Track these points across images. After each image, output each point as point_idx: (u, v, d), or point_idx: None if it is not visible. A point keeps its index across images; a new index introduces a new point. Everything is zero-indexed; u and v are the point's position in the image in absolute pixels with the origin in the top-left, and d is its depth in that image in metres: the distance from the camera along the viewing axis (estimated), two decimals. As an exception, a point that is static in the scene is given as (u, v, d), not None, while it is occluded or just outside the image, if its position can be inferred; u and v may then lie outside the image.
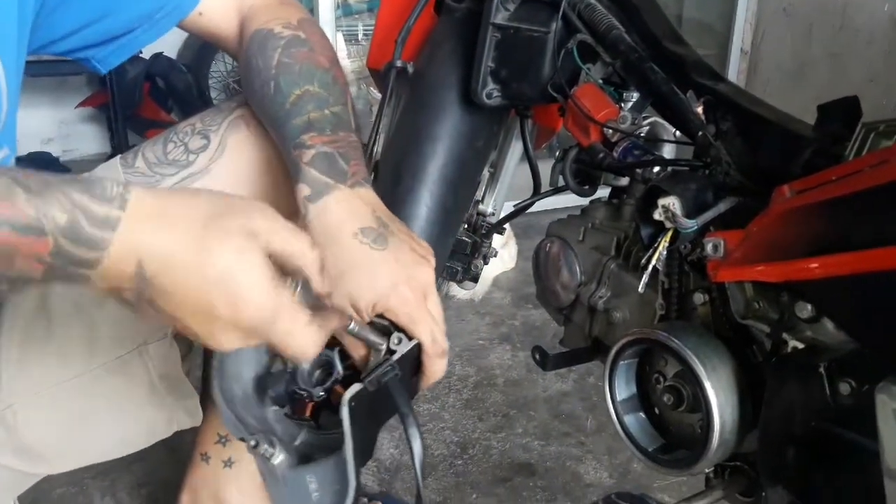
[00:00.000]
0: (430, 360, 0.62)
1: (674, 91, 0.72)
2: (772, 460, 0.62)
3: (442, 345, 0.62)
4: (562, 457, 1.30)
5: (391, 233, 0.63)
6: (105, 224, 0.46)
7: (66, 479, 1.18)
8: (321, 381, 0.60)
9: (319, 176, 0.64)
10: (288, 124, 0.68)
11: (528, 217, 1.15)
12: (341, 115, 0.69)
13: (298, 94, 0.69)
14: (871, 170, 0.52)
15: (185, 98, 2.79)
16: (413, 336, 0.60)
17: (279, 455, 0.56)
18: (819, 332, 0.57)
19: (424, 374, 0.63)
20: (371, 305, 0.60)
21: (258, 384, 0.62)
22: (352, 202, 0.64)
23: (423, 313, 0.61)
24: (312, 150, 0.66)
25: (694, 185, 0.65)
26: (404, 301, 0.60)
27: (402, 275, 0.61)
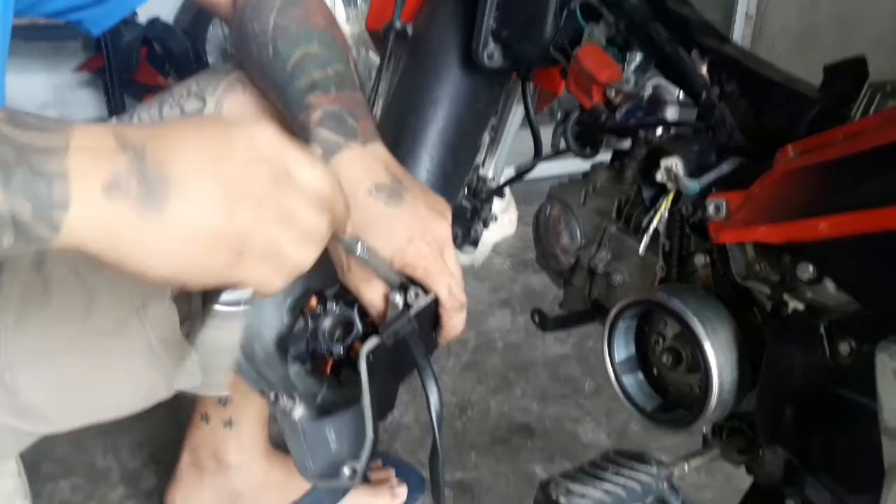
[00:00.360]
0: (448, 314, 0.62)
1: (678, 52, 0.71)
2: (770, 420, 0.62)
3: (460, 298, 0.62)
4: (560, 418, 1.31)
5: (406, 188, 0.63)
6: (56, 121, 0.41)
7: (68, 439, 1.20)
8: (341, 339, 0.61)
9: (330, 135, 0.63)
10: (291, 87, 0.67)
11: (528, 183, 1.14)
12: (344, 74, 0.68)
13: (298, 56, 0.68)
14: (877, 130, 0.51)
15: (183, 63, 2.75)
16: (430, 290, 0.60)
17: (299, 409, 0.57)
18: (820, 294, 0.57)
19: (443, 329, 0.63)
20: (388, 261, 0.60)
21: (280, 343, 0.63)
22: (364, 159, 0.63)
23: (440, 267, 0.61)
24: (319, 111, 0.65)
25: (697, 146, 0.65)
26: (421, 255, 0.60)
27: (418, 229, 0.61)
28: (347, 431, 0.56)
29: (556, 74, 0.91)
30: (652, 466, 0.64)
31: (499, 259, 1.92)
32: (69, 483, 1.14)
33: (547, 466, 1.19)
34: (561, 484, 0.62)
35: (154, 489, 1.12)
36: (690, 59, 0.71)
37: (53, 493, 1.11)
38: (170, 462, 1.05)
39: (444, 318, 0.62)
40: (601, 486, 0.62)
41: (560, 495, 0.61)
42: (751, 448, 0.68)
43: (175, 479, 1.02)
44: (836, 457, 0.58)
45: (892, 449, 0.50)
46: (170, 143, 0.42)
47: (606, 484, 0.62)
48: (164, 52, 2.80)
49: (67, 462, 1.18)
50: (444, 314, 0.62)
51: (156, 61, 2.82)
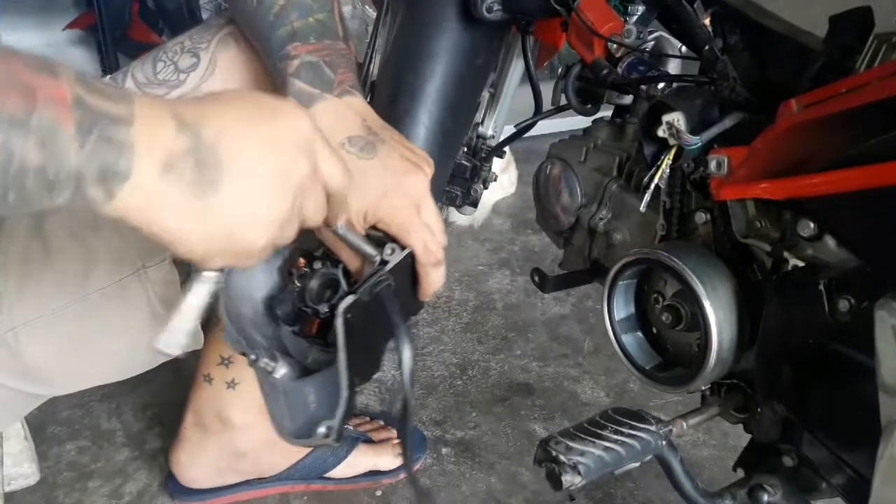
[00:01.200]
0: (425, 270, 0.61)
1: (680, 3, 0.70)
2: (768, 377, 0.62)
3: (436, 254, 0.61)
4: (559, 377, 1.32)
5: (381, 140, 0.61)
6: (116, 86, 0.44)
7: (72, 402, 1.21)
8: (329, 299, 0.60)
9: (305, 86, 0.62)
10: (272, 36, 0.66)
11: (528, 141, 1.13)
12: (326, 23, 0.66)
13: (282, 4, 0.66)
14: (882, 81, 0.50)
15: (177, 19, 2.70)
16: (405, 245, 0.59)
17: (281, 369, 0.56)
18: (820, 250, 0.57)
19: (421, 285, 0.62)
20: (361, 216, 0.59)
21: (268, 304, 0.62)
22: (339, 111, 0.62)
23: (414, 222, 0.59)
24: (297, 61, 0.63)
25: (699, 100, 0.63)
26: (394, 210, 0.59)
27: (392, 183, 0.59)
28: (326, 391, 0.55)
29: (556, 27, 0.89)
30: (650, 424, 0.65)
31: (498, 219, 1.91)
32: (75, 445, 1.15)
33: (546, 425, 1.21)
34: (560, 442, 0.63)
35: (159, 450, 1.13)
36: (693, 12, 0.69)
37: (60, 456, 1.13)
38: (174, 423, 1.06)
39: (422, 274, 0.61)
40: (600, 444, 0.62)
41: (560, 453, 0.62)
42: (749, 406, 0.69)
43: (179, 439, 1.03)
44: (834, 414, 0.59)
45: (889, 406, 0.50)
46: (223, 125, 0.44)
47: (605, 442, 0.63)
48: (157, 7, 2.75)
49: (73, 425, 1.19)
50: (421, 270, 0.61)
51: (149, 17, 2.76)
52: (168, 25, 2.79)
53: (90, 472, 1.10)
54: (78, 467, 1.11)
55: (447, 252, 0.63)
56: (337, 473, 1.07)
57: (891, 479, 0.51)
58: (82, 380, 0.84)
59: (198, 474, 1.03)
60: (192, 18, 2.72)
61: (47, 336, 0.76)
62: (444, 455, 1.14)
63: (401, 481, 1.09)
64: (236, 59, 0.76)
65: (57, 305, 0.76)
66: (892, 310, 0.49)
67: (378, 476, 1.08)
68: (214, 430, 1.01)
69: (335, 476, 1.07)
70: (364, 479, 1.08)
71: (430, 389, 1.28)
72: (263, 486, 1.05)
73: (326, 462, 1.06)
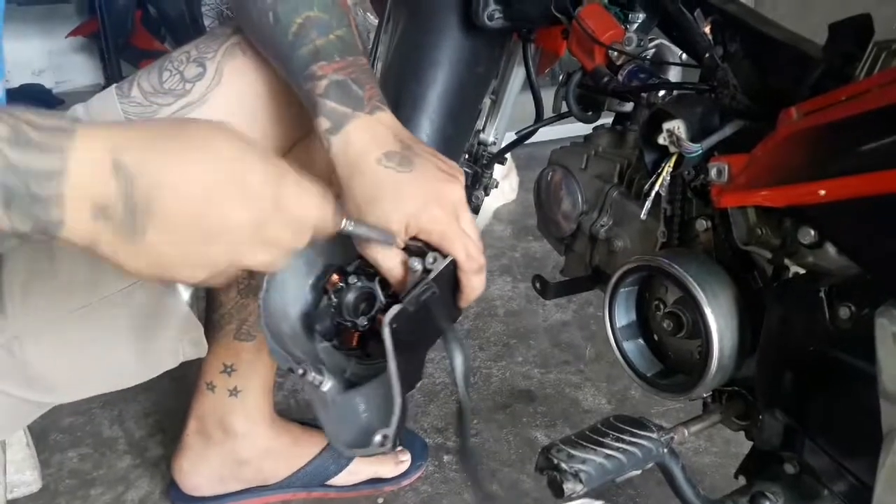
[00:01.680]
0: (467, 277, 0.62)
1: (681, 11, 0.70)
2: (769, 384, 0.62)
3: (478, 260, 0.62)
4: (561, 384, 1.32)
5: (416, 154, 0.62)
6: (57, 130, 0.43)
7: (74, 409, 1.21)
8: (365, 312, 0.62)
9: (336, 106, 0.63)
10: (294, 56, 0.66)
11: (529, 148, 1.13)
12: (347, 39, 0.67)
13: (300, 22, 0.66)
14: (882, 89, 0.50)
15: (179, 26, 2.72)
16: (447, 254, 0.60)
17: (328, 382, 0.57)
18: (821, 258, 0.57)
19: (463, 291, 0.63)
20: (403, 227, 0.60)
21: (305, 321, 0.63)
22: (373, 128, 0.63)
23: (455, 230, 0.60)
24: (325, 81, 0.64)
25: (699, 108, 0.63)
26: (435, 219, 0.60)
27: (431, 194, 0.60)
28: (376, 400, 0.56)
29: (557, 35, 0.90)
30: (652, 432, 0.65)
31: (500, 226, 1.91)
32: (77, 453, 1.15)
33: (548, 432, 1.21)
34: (562, 449, 0.63)
35: (160, 458, 1.13)
36: (693, 20, 0.69)
37: (62, 463, 1.13)
38: (176, 431, 1.06)
39: (464, 281, 0.62)
40: (602, 452, 0.62)
41: (561, 461, 0.62)
42: (750, 413, 0.69)
43: (181, 447, 1.03)
44: (835, 421, 0.59)
45: (890, 413, 0.50)
46: (161, 172, 0.45)
47: (607, 449, 0.63)
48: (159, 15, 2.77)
49: (75, 432, 1.19)
50: (463, 277, 0.62)
51: (151, 25, 2.78)
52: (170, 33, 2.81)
53: (92, 480, 1.10)
54: (80, 475, 1.11)
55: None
56: (339, 481, 1.06)
57: (892, 487, 0.51)
58: (85, 388, 0.84)
59: (200, 482, 1.03)
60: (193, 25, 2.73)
61: (51, 344, 0.76)
62: (446, 462, 1.14)
63: (402, 489, 1.09)
64: (242, 68, 0.76)
65: (61, 313, 0.76)
66: (893, 317, 0.49)
67: (380, 484, 1.08)
68: (217, 438, 1.01)
69: (337, 484, 1.07)
70: (366, 487, 1.08)
71: (432, 397, 1.28)
72: (265, 493, 1.05)
73: (328, 470, 1.06)
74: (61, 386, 0.79)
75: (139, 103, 0.76)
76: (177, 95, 0.76)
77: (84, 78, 3.03)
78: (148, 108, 0.76)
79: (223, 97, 0.76)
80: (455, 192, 0.62)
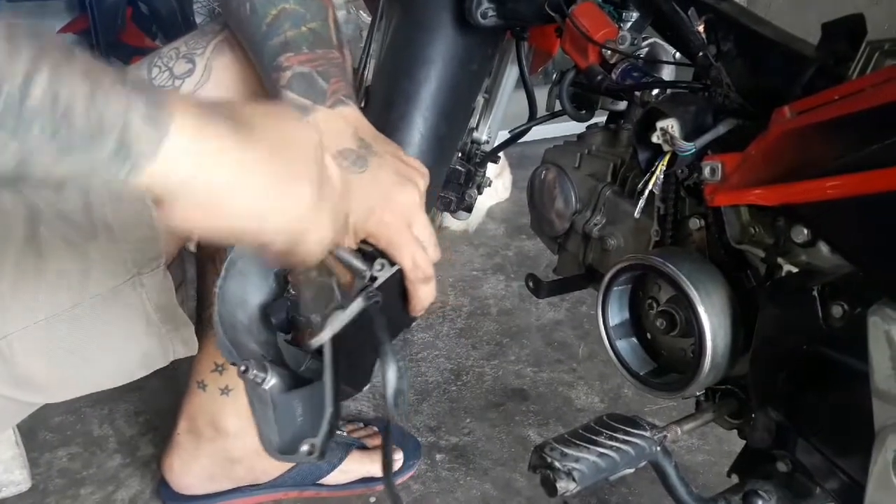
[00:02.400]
0: (413, 286, 0.60)
1: (674, 10, 0.70)
2: (762, 383, 0.62)
3: (425, 270, 0.60)
4: (554, 383, 1.32)
5: (373, 153, 0.61)
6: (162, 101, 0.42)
7: (64, 408, 1.20)
8: (320, 310, 0.60)
9: (297, 98, 0.62)
10: (265, 46, 0.66)
11: (522, 146, 1.13)
12: (319, 32, 0.66)
13: (275, 13, 0.66)
14: (874, 89, 0.50)
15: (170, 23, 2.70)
16: (394, 261, 0.59)
17: (270, 380, 0.55)
18: (814, 256, 0.57)
19: (411, 301, 0.62)
20: (351, 230, 0.58)
21: (264, 311, 0.62)
22: (331, 123, 0.62)
23: (403, 237, 0.59)
24: (289, 72, 0.63)
25: (693, 107, 0.63)
26: (383, 225, 0.59)
27: (382, 197, 0.59)
28: (314, 404, 0.54)
29: (551, 33, 0.90)
30: (645, 430, 0.65)
31: (493, 224, 1.91)
32: (66, 452, 1.14)
33: (541, 431, 1.21)
34: (555, 448, 0.63)
35: (151, 457, 1.13)
36: (687, 18, 0.69)
37: (51, 462, 1.12)
38: (167, 430, 1.05)
39: (410, 291, 0.61)
40: (595, 450, 0.62)
41: (554, 459, 0.62)
42: (743, 412, 0.69)
43: (172, 446, 1.02)
44: (828, 420, 0.59)
45: (882, 411, 0.50)
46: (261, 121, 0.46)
47: (600, 448, 0.63)
48: (150, 12, 2.75)
49: (64, 431, 1.18)
50: (410, 286, 0.60)
51: (142, 22, 2.76)
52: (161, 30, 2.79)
53: (82, 479, 1.09)
54: (69, 474, 1.10)
55: (442, 257, 0.63)
56: (330, 480, 1.06)
57: (884, 485, 0.51)
58: (76, 387, 0.84)
59: (191, 481, 1.03)
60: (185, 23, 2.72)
61: (41, 343, 0.75)
62: (439, 461, 1.14)
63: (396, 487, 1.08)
64: (231, 65, 0.75)
65: (51, 312, 0.75)
66: (886, 316, 0.49)
67: (372, 482, 1.08)
68: (208, 437, 1.00)
69: (329, 482, 1.06)
70: (358, 486, 1.07)
71: (425, 395, 1.28)
72: (257, 492, 1.05)
73: (320, 468, 1.05)
74: (50, 385, 0.79)
75: None
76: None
77: (74, 75, 3.00)
78: None
79: (211, 94, 0.75)
80: (408, 196, 0.60)
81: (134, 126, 0.38)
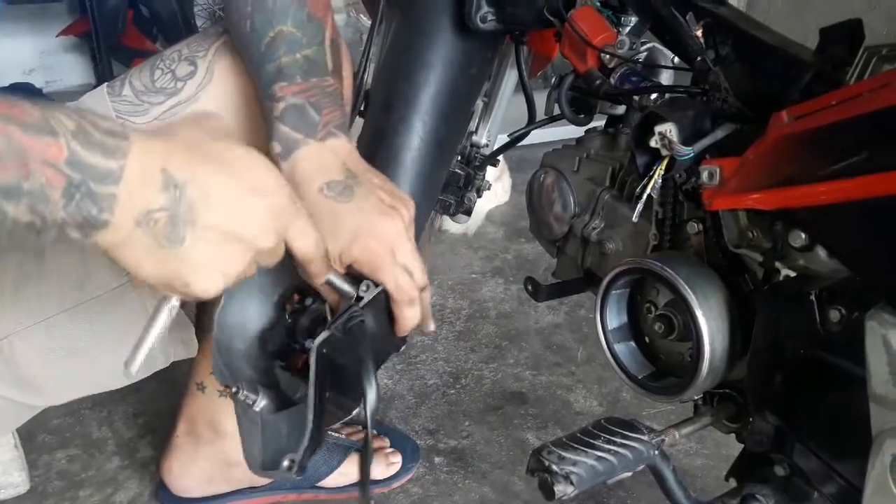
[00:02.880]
0: (398, 307, 0.63)
1: (673, 14, 0.70)
2: (760, 387, 0.63)
3: (408, 293, 0.62)
4: (552, 386, 1.32)
5: (359, 183, 0.63)
6: (115, 134, 0.45)
7: (63, 410, 1.20)
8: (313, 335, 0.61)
9: (289, 132, 0.64)
10: (262, 70, 0.67)
11: (522, 150, 1.13)
12: (314, 58, 0.67)
13: (272, 35, 0.67)
14: (872, 94, 0.50)
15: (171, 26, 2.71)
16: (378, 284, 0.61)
17: (261, 401, 0.57)
18: (811, 261, 0.57)
19: (397, 322, 0.64)
20: (337, 257, 0.61)
21: (261, 338, 0.64)
22: (321, 157, 0.64)
23: (385, 261, 0.62)
24: (282, 104, 0.65)
25: (691, 111, 0.64)
26: (367, 251, 0.61)
27: (365, 225, 0.62)
28: (299, 423, 0.56)
29: (550, 38, 0.90)
30: (643, 434, 0.65)
31: (492, 227, 1.92)
32: (65, 454, 1.14)
33: (539, 434, 1.21)
34: (553, 451, 0.63)
35: (150, 459, 1.13)
36: (685, 23, 0.70)
37: (50, 464, 1.12)
38: (165, 432, 1.05)
39: (395, 312, 0.64)
40: (593, 454, 0.62)
41: (552, 463, 0.62)
42: (741, 416, 0.69)
43: (171, 448, 1.02)
44: (825, 424, 0.59)
45: (879, 416, 0.51)
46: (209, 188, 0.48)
47: (598, 451, 0.63)
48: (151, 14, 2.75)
49: (63, 433, 1.18)
50: (395, 307, 0.63)
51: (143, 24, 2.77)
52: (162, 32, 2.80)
53: (81, 481, 1.09)
54: (68, 476, 1.10)
55: (441, 260, 0.64)
56: (329, 482, 1.06)
57: (881, 489, 0.51)
58: (75, 389, 0.84)
59: (189, 483, 1.03)
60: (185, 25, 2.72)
61: (42, 344, 0.75)
62: (437, 464, 1.14)
63: (393, 490, 1.08)
64: (233, 68, 0.76)
65: (52, 313, 0.75)
66: (883, 320, 0.50)
67: (370, 486, 1.08)
68: (207, 439, 1.00)
69: (327, 485, 1.06)
70: (356, 489, 1.07)
71: (423, 398, 1.28)
72: (255, 495, 1.05)
73: (319, 471, 1.05)
74: (50, 387, 0.79)
75: (130, 102, 0.76)
76: (168, 94, 0.76)
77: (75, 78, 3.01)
78: (139, 107, 0.76)
79: (213, 96, 0.75)
80: (391, 225, 0.63)
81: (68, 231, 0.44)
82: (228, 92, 0.76)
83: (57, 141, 0.42)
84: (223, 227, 0.49)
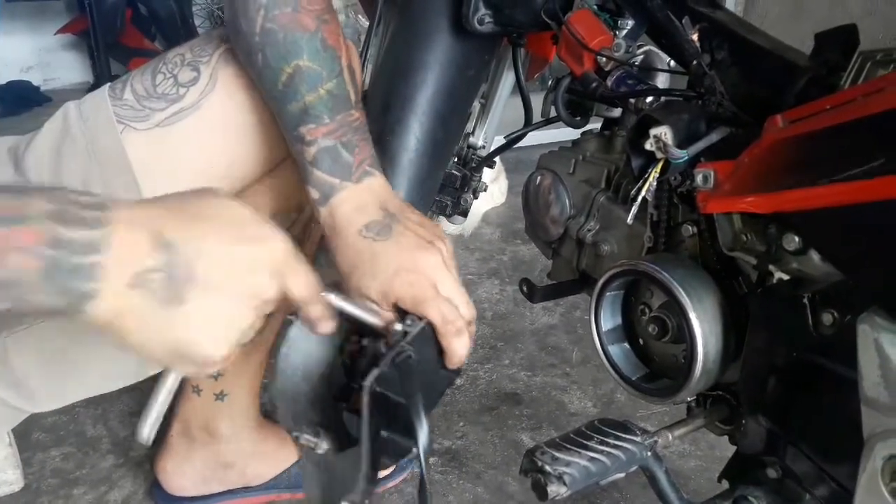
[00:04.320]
0: (446, 339, 0.62)
1: (669, 18, 0.70)
2: (753, 389, 0.63)
3: (455, 324, 0.61)
4: (547, 387, 1.33)
5: (396, 220, 0.63)
6: (94, 206, 0.44)
7: (58, 409, 1.20)
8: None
9: (325, 177, 0.64)
10: (284, 109, 0.66)
11: (518, 151, 1.14)
12: (337, 92, 0.66)
13: (289, 72, 0.65)
14: (866, 99, 0.51)
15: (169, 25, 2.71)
16: (423, 317, 0.61)
17: (322, 445, 0.58)
18: (805, 264, 0.57)
19: (446, 353, 0.63)
20: (380, 296, 0.61)
21: (325, 381, 0.64)
22: (359, 198, 0.64)
23: (428, 294, 0.61)
24: (314, 148, 0.64)
25: (686, 114, 0.64)
26: (408, 286, 0.61)
27: (405, 261, 0.61)
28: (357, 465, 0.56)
29: (547, 40, 0.90)
30: (636, 435, 0.65)
31: (488, 229, 1.92)
32: (60, 452, 1.14)
33: (534, 435, 1.21)
34: (547, 452, 0.63)
35: (144, 458, 1.13)
36: (681, 27, 0.70)
37: (44, 462, 1.12)
38: (160, 431, 1.04)
39: (444, 344, 0.62)
40: (586, 455, 0.63)
41: (546, 463, 0.62)
42: (734, 418, 0.69)
43: (165, 448, 1.02)
44: (818, 427, 0.59)
45: (871, 419, 0.51)
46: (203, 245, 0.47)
47: (591, 452, 0.63)
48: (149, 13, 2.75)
49: (58, 431, 1.18)
50: (443, 340, 0.62)
51: (141, 23, 2.77)
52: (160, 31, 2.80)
53: (75, 479, 1.09)
54: (62, 474, 1.10)
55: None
56: (324, 482, 1.06)
57: (872, 492, 0.51)
58: (71, 393, 0.83)
59: (183, 482, 1.03)
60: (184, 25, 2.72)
61: (37, 347, 0.75)
62: (432, 465, 1.14)
63: (387, 490, 1.08)
64: (237, 76, 0.74)
65: (44, 317, 0.75)
66: (875, 324, 0.50)
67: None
68: (201, 441, 1.00)
69: (322, 485, 1.06)
70: (352, 488, 1.07)
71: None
72: (249, 494, 1.05)
73: (313, 471, 1.05)
74: (44, 391, 0.78)
75: (131, 107, 0.75)
76: (170, 100, 0.74)
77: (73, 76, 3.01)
78: (140, 112, 0.74)
79: (216, 105, 0.74)
80: (430, 258, 0.62)
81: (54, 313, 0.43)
82: (231, 101, 0.74)
83: (29, 228, 0.42)
84: (224, 281, 0.48)
